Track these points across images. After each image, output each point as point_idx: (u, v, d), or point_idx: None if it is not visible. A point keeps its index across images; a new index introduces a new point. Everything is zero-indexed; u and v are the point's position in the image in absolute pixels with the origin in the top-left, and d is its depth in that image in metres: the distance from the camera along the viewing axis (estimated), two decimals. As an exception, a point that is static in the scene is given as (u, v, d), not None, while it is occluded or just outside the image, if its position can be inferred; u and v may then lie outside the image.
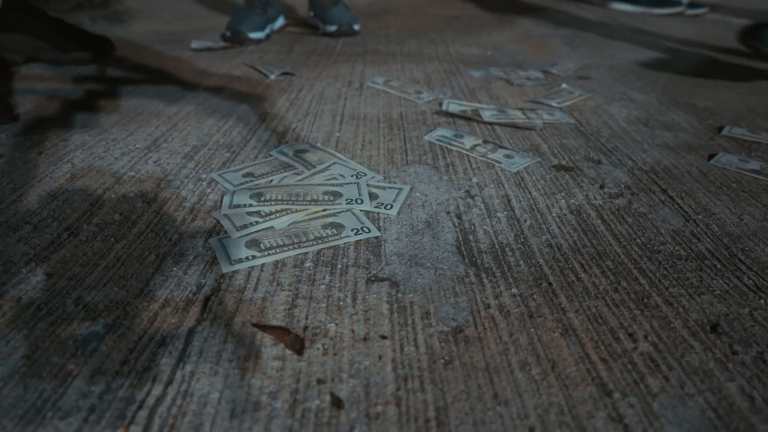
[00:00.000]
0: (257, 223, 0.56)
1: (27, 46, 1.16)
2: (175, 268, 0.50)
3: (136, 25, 1.64)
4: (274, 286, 0.48)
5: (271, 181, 0.66)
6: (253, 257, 0.51)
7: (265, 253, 0.52)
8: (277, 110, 0.92)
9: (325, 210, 0.59)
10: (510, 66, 1.25)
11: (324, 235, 0.55)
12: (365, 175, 0.67)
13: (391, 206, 0.60)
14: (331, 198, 0.61)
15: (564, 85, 1.08)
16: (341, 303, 0.46)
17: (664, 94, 1.06)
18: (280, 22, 1.60)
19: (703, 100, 1.03)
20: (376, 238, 0.56)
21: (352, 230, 0.56)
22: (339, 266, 0.51)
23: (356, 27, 1.54)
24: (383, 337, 0.42)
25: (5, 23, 1.13)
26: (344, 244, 0.54)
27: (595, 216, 0.61)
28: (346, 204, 0.60)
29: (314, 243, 0.54)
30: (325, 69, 1.20)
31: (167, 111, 0.91)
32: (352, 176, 0.67)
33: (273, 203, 0.60)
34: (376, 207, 0.60)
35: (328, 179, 0.66)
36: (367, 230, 0.56)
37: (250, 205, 0.60)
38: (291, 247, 0.53)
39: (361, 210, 0.60)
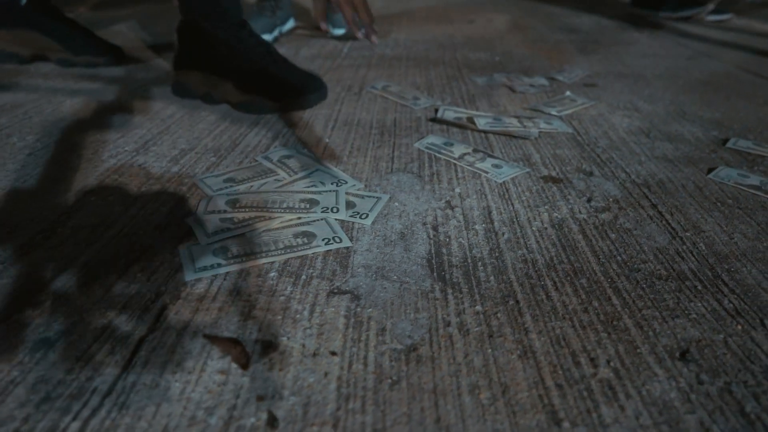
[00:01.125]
0: (229, 230, 0.56)
1: (40, 44, 1.18)
2: (139, 275, 0.50)
3: (137, 27, 1.67)
4: (234, 295, 0.47)
5: (251, 187, 0.66)
6: (219, 265, 0.51)
7: (231, 262, 0.51)
8: (271, 114, 0.91)
9: (299, 218, 0.59)
10: (516, 72, 1.23)
11: (294, 244, 0.54)
12: (346, 183, 0.66)
13: (367, 216, 0.59)
14: (307, 206, 0.61)
15: (568, 93, 1.06)
16: (298, 316, 0.45)
17: (672, 103, 1.03)
18: (290, 24, 1.61)
19: (713, 111, 0.99)
20: (347, 248, 0.55)
21: (323, 240, 0.55)
22: (303, 277, 0.50)
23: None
24: (333, 354, 0.41)
25: (25, 19, 1.16)
26: (313, 253, 0.53)
27: (577, 231, 0.59)
28: (321, 212, 0.60)
29: (283, 252, 0.53)
30: (327, 72, 1.19)
31: (162, 113, 0.92)
32: (332, 184, 0.66)
33: (248, 210, 0.59)
34: (351, 216, 0.59)
35: (308, 186, 0.65)
36: (338, 240, 0.55)
37: (225, 211, 0.59)
38: (258, 256, 0.52)
39: (336, 219, 0.59)
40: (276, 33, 1.49)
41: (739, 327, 0.45)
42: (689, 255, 0.55)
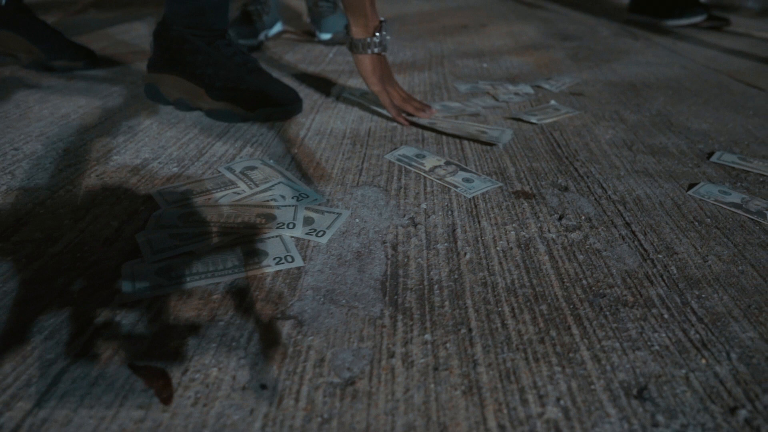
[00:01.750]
0: (177, 246, 0.54)
1: (15, 45, 1.16)
2: (76, 296, 0.47)
3: (115, 33, 1.65)
4: (171, 320, 0.45)
5: (209, 200, 0.63)
6: (160, 286, 0.48)
7: (174, 282, 0.49)
8: (243, 124, 0.89)
9: (253, 234, 0.56)
10: (502, 80, 1.20)
11: (243, 264, 0.52)
12: (307, 197, 0.64)
13: (324, 233, 0.57)
14: (263, 221, 0.58)
15: (552, 102, 1.03)
16: (234, 344, 0.42)
17: (660, 114, 1.00)
18: (277, 28, 1.59)
19: (700, 122, 0.97)
20: (298, 268, 0.52)
21: (274, 259, 0.53)
22: (247, 300, 0.47)
23: (352, 35, 1.51)
24: (264, 387, 0.38)
25: (4, 19, 1.14)
26: (262, 274, 0.51)
27: (543, 251, 0.56)
28: (277, 229, 0.57)
29: (230, 272, 0.51)
30: (308, 78, 1.17)
31: (132, 120, 0.89)
32: (293, 198, 0.64)
33: (200, 225, 0.57)
34: (307, 234, 0.57)
35: (267, 200, 0.63)
36: (290, 259, 0.53)
37: (176, 226, 0.57)
38: (203, 276, 0.50)
39: (291, 236, 0.56)
40: (261, 37, 1.47)
41: (704, 361, 0.42)
42: (659, 279, 0.52)
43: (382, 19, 0.84)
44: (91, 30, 1.65)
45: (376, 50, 0.84)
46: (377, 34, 0.83)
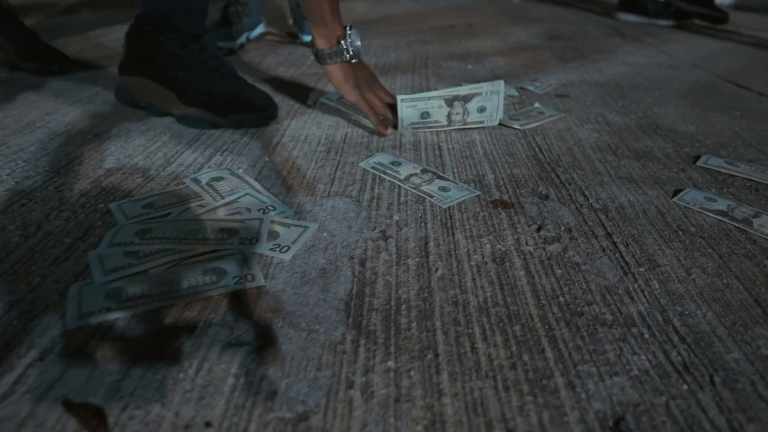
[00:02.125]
0: (130, 266, 0.50)
1: None
2: (15, 322, 0.44)
3: (99, 35, 1.61)
4: (114, 350, 0.41)
5: (170, 214, 0.60)
6: (108, 310, 0.45)
7: (124, 306, 0.46)
8: (214, 130, 0.86)
9: (213, 251, 0.53)
10: (485, 81, 1.17)
11: (200, 283, 0.49)
12: (274, 209, 0.61)
13: (288, 249, 0.54)
14: (225, 236, 0.55)
15: (536, 105, 1.00)
16: (181, 375, 0.39)
17: (646, 116, 0.98)
18: (259, 30, 1.55)
19: (687, 125, 0.94)
20: (259, 288, 0.49)
21: (233, 278, 0.50)
22: (201, 324, 0.44)
23: (335, 37, 1.48)
24: (208, 425, 0.35)
25: None
26: (219, 295, 0.48)
27: (519, 266, 0.53)
28: (239, 244, 0.54)
29: (186, 293, 0.47)
30: (287, 82, 1.14)
31: (100, 126, 0.86)
32: (259, 210, 0.60)
33: (158, 242, 0.54)
34: (270, 249, 0.54)
35: (231, 214, 0.60)
36: (250, 278, 0.50)
37: (132, 243, 0.54)
38: (156, 299, 0.47)
39: (253, 252, 0.53)
40: (242, 39, 1.44)
41: (685, 387, 0.39)
42: (640, 295, 0.49)
43: (348, 26, 0.82)
44: (78, 31, 1.61)
45: (343, 58, 0.81)
46: (341, 42, 0.80)
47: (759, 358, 0.42)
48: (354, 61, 0.83)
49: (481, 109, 0.71)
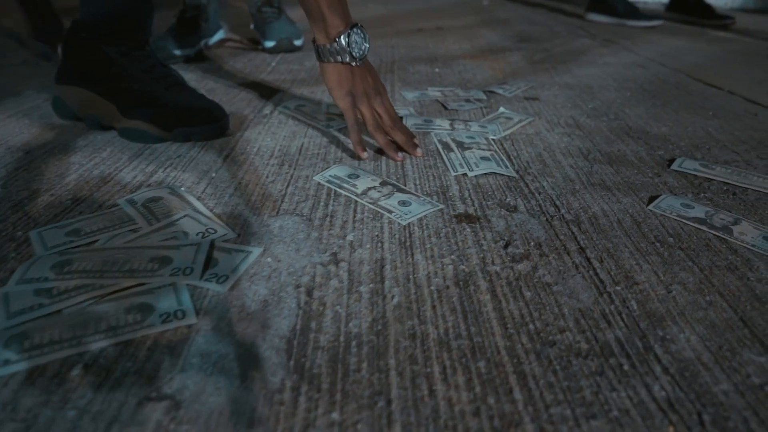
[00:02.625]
0: (41, 306, 0.44)
1: None
2: None
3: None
4: (7, 411, 0.35)
5: (96, 241, 0.53)
6: (6, 362, 0.38)
7: (26, 356, 0.39)
8: (159, 144, 0.79)
9: (141, 285, 0.47)
10: (453, 86, 1.13)
11: (121, 324, 0.42)
12: (215, 232, 0.55)
13: (226, 278, 0.48)
14: (156, 267, 0.49)
15: (502, 109, 0.96)
16: (83, 442, 0.33)
17: (617, 118, 0.94)
18: (219, 36, 1.49)
19: (659, 126, 0.91)
20: (189, 326, 0.43)
21: (161, 316, 0.43)
22: (116, 374, 0.38)
23: (297, 42, 1.42)
24: None
25: None
26: (142, 337, 0.41)
27: (485, 289, 0.48)
28: (171, 275, 0.48)
29: (103, 336, 0.41)
30: (244, 90, 1.07)
31: (34, 142, 0.79)
32: (198, 234, 0.54)
33: (76, 276, 0.47)
34: (206, 279, 0.48)
35: (166, 239, 0.53)
36: (180, 315, 0.43)
37: (46, 278, 0.47)
38: (65, 345, 0.40)
39: (187, 284, 0.47)
40: (200, 46, 1.37)
41: (671, 429, 0.34)
42: (617, 318, 0.45)
43: (353, 24, 0.71)
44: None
45: (341, 59, 0.71)
46: (339, 40, 0.70)
47: (750, 389, 0.38)
48: (355, 64, 0.73)
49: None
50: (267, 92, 1.06)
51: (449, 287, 0.48)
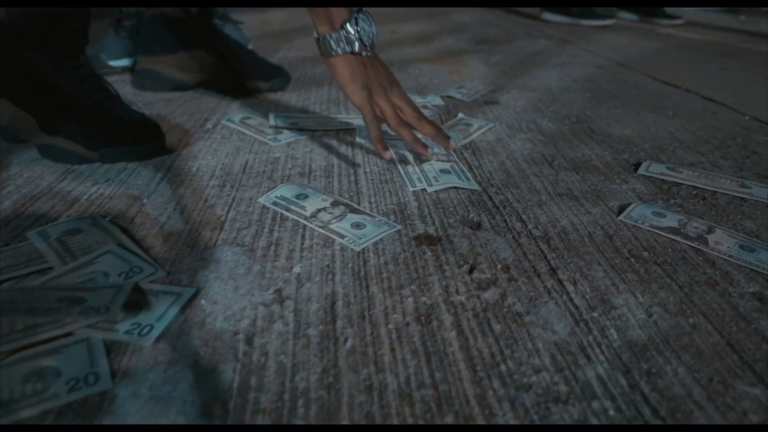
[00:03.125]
0: None
1: None
2: None
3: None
4: None
5: (-2, 288, 0.45)
6: None
7: None
8: (87, 165, 0.71)
9: (46, 342, 0.39)
10: (410, 91, 1.08)
11: (16, 397, 0.35)
12: (141, 271, 0.47)
13: (151, 329, 0.41)
14: (65, 318, 0.41)
15: (461, 116, 0.91)
16: None
17: (579, 121, 0.91)
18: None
19: (622, 128, 0.88)
20: (103, 393, 0.36)
21: (68, 382, 0.36)
22: (4, 466, 0.31)
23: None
24: None
25: None
26: (43, 411, 0.34)
27: (450, 324, 0.42)
28: (84, 327, 0.40)
29: (-7, 414, 0.33)
30: (185, 102, 1.00)
31: (-64, 173, 0.69)
32: (120, 275, 0.47)
33: (-33, 336, 0.39)
34: (127, 332, 0.40)
35: (83, 281, 0.46)
36: (92, 380, 0.36)
37: (-72, 341, 0.39)
38: (-58, 430, 0.32)
39: (104, 339, 0.40)
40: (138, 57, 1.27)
41: (668, 490, 0.29)
42: (597, 351, 0.40)
43: (357, 9, 0.65)
44: None
45: (350, 48, 0.64)
46: (346, 26, 0.63)
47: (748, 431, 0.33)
48: (365, 54, 0.66)
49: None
50: (209, 104, 0.99)
51: (409, 324, 0.43)
